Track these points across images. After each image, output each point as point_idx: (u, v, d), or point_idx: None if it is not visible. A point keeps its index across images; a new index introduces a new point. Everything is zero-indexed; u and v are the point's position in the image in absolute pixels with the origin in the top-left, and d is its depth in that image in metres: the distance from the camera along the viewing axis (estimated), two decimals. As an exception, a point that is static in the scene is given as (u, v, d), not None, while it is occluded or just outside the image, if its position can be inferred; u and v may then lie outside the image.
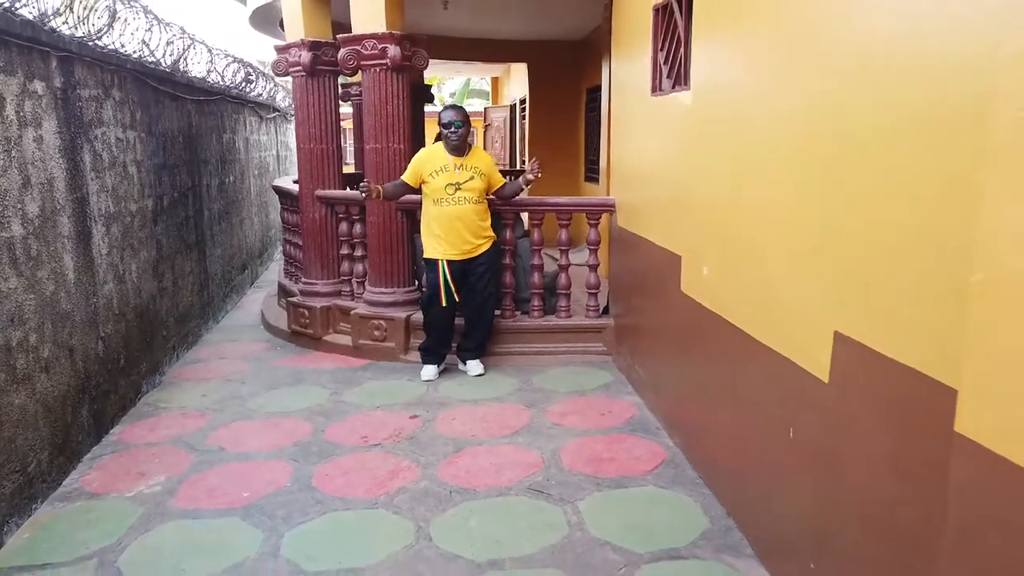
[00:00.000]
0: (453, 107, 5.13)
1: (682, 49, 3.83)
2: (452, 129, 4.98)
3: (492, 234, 5.23)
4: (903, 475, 1.91)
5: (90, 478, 3.85)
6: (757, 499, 3.00)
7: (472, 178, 5.04)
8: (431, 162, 5.06)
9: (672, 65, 4.03)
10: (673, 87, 4.00)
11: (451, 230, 5.02)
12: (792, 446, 2.61)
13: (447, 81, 29.45)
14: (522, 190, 5.39)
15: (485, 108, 16.85)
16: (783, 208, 2.69)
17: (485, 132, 16.04)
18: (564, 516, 3.32)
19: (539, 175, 5.16)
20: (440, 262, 5.06)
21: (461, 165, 5.04)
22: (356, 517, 3.38)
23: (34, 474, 3.60)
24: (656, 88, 4.28)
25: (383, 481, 3.71)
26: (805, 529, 2.54)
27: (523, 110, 12.31)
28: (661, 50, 4.18)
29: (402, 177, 5.16)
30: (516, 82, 13.06)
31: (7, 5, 3.62)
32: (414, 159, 5.15)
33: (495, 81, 16.72)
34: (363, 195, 5.08)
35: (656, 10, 4.19)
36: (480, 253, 5.12)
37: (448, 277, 5.04)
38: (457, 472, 3.79)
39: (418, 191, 5.16)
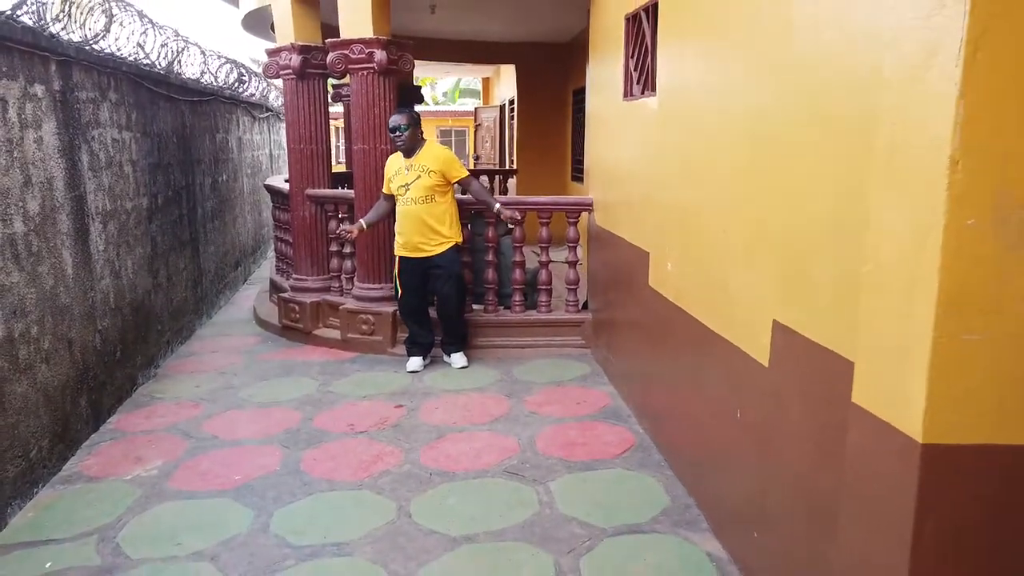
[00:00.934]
0: (398, 111, 5.36)
1: (649, 57, 4.05)
2: (397, 134, 5.20)
3: (450, 236, 5.34)
4: (819, 445, 2.14)
5: (89, 463, 4.06)
6: (712, 478, 3.23)
7: (419, 177, 5.23)
8: (391, 167, 5.36)
9: (641, 72, 4.25)
10: (642, 92, 4.23)
11: (405, 230, 5.31)
12: (739, 426, 2.83)
13: (439, 81, 29.62)
14: (492, 204, 5.52)
15: (476, 108, 17.02)
16: (729, 207, 2.93)
17: (476, 132, 16.20)
18: (536, 495, 3.54)
19: (510, 220, 5.50)
20: (397, 258, 5.38)
21: (410, 166, 5.27)
22: (341, 497, 3.59)
23: (35, 459, 3.80)
24: (628, 93, 4.50)
25: (367, 465, 3.93)
26: (750, 502, 2.77)
27: (512, 110, 12.48)
28: (632, 57, 4.40)
29: (383, 189, 5.47)
30: (506, 82, 13.24)
31: (8, 12, 3.82)
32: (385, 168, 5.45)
33: (486, 81, 16.89)
34: (349, 237, 5.51)
35: (627, 19, 4.41)
36: (436, 254, 5.31)
37: (398, 272, 5.38)
38: (438, 456, 4.01)
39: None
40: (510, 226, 5.73)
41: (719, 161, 3.03)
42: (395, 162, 5.36)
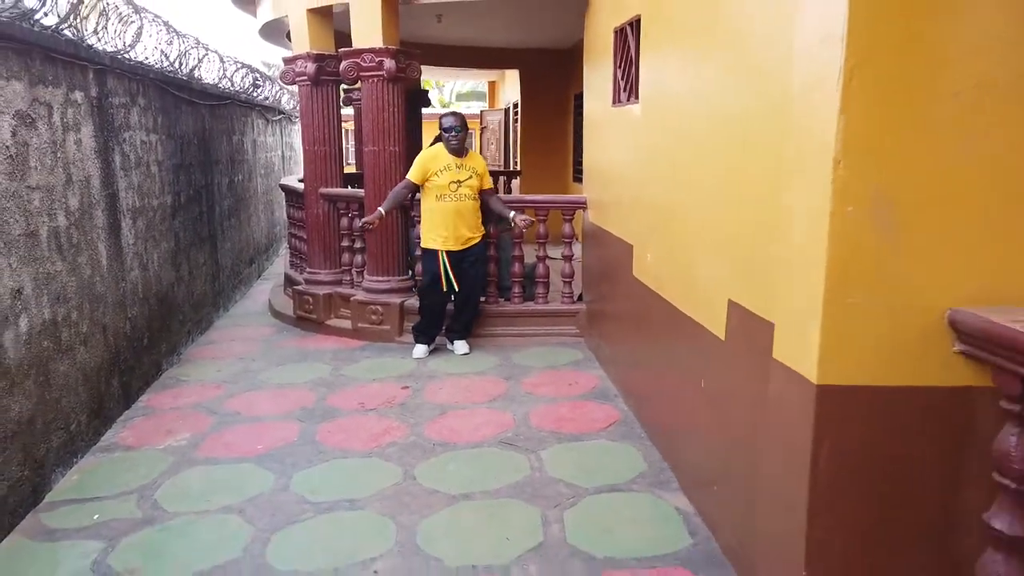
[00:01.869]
0: (453, 113, 5.78)
1: (633, 68, 4.45)
2: (453, 133, 5.63)
3: (483, 229, 5.88)
4: (758, 402, 2.53)
5: (124, 435, 4.48)
6: (682, 443, 3.63)
7: (471, 177, 5.70)
8: (435, 161, 5.71)
9: (627, 80, 4.65)
10: (628, 100, 4.63)
11: (451, 224, 5.66)
12: (702, 394, 3.23)
13: (446, 84, 30.06)
14: (508, 215, 5.86)
15: (481, 111, 17.38)
16: (696, 204, 3.33)
17: (481, 134, 16.53)
18: (528, 462, 3.94)
19: (526, 228, 5.81)
20: (440, 252, 5.69)
21: (461, 165, 5.69)
22: (353, 463, 4.00)
23: (75, 432, 4.21)
24: (616, 100, 4.90)
25: (377, 437, 4.33)
26: (710, 460, 3.16)
27: (516, 114, 12.80)
28: (619, 67, 4.80)
29: (408, 177, 5.79)
30: (511, 86, 13.56)
31: (53, 26, 4.24)
32: (419, 159, 5.78)
33: (491, 85, 17.24)
34: (368, 229, 5.84)
35: (615, 32, 4.81)
36: (473, 245, 5.76)
37: (447, 266, 5.67)
38: (441, 430, 4.42)
39: (417, 189, 5.79)
40: (512, 225, 6.11)
41: (688, 164, 3.43)
42: (441, 157, 5.71)
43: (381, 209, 5.77)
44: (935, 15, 1.82)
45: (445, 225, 5.68)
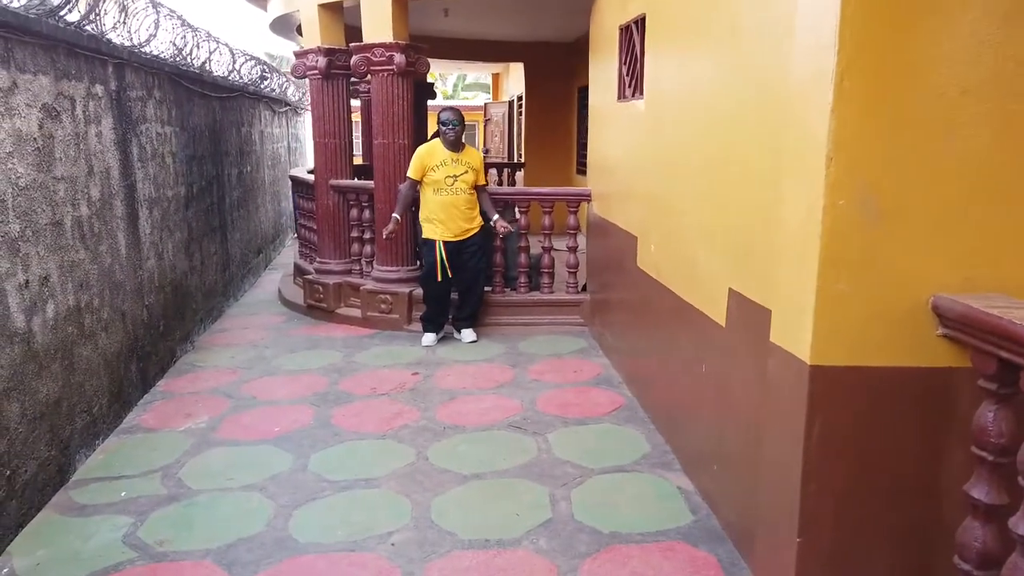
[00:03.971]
0: (451, 108, 5.93)
1: (638, 64, 4.59)
2: (450, 127, 5.78)
3: (480, 219, 6.02)
4: (756, 384, 2.69)
5: (146, 418, 4.65)
6: (684, 426, 3.79)
7: (466, 172, 5.85)
8: (432, 156, 5.86)
9: (632, 76, 4.79)
10: (632, 95, 4.77)
11: (447, 216, 5.82)
12: (703, 379, 3.40)
13: (449, 76, 30.18)
14: (492, 217, 5.99)
15: (485, 104, 17.44)
16: (699, 197, 3.48)
17: (485, 127, 16.59)
18: (535, 444, 4.11)
19: (504, 233, 5.99)
20: (437, 242, 5.84)
21: (457, 160, 5.84)
22: (368, 445, 4.18)
23: (98, 415, 4.37)
24: (621, 95, 5.05)
25: (389, 420, 4.50)
26: (710, 441, 3.33)
27: (520, 106, 12.90)
28: (625, 64, 4.95)
29: (408, 175, 5.94)
30: (515, 79, 13.66)
31: (76, 22, 4.38)
32: (416, 156, 5.93)
33: (495, 77, 17.32)
34: (391, 238, 6.00)
35: (621, 30, 4.95)
36: (471, 235, 5.92)
37: (443, 255, 5.82)
38: (450, 414, 4.58)
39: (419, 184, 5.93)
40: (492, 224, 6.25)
41: (691, 157, 3.59)
42: (437, 152, 5.86)
43: (396, 215, 5.92)
44: (921, 21, 1.97)
45: (442, 217, 5.85)
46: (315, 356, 5.83)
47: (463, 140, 5.99)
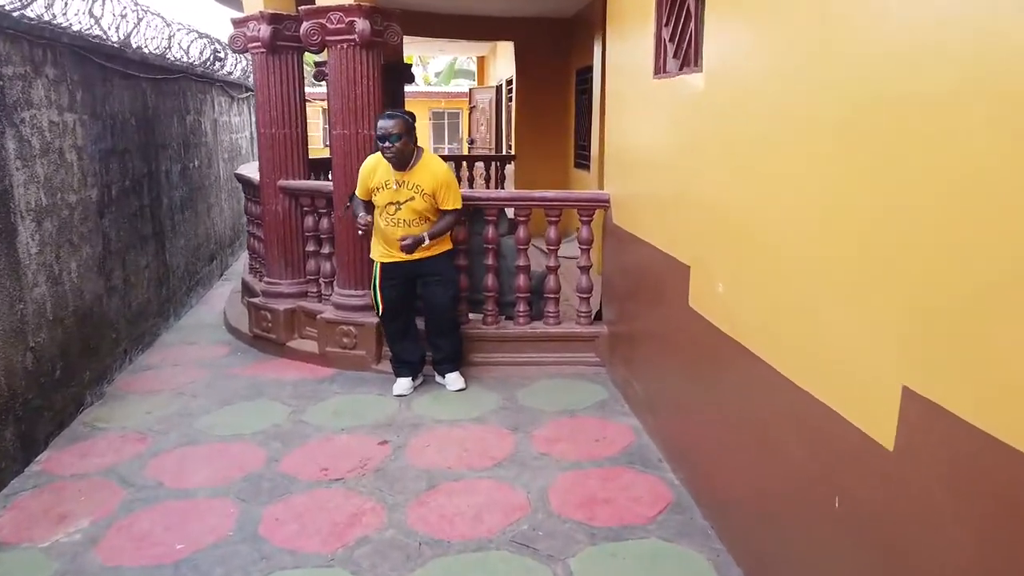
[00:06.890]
0: (389, 115, 4.39)
1: (692, 24, 3.28)
2: (385, 144, 4.30)
3: (444, 242, 4.65)
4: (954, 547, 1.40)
5: (3, 522, 3.30)
6: (786, 567, 2.48)
7: (412, 198, 4.41)
8: (373, 174, 4.49)
9: (680, 43, 3.48)
10: (680, 68, 3.46)
11: (391, 241, 4.49)
12: (837, 514, 2.09)
13: (431, 61, 28.69)
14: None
15: (471, 89, 16.35)
16: (813, 218, 2.18)
17: (470, 114, 15.53)
18: (552, 578, 2.80)
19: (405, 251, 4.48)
20: (375, 264, 4.61)
21: (402, 182, 4.41)
22: (306, 578, 2.85)
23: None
24: (660, 69, 3.73)
25: (342, 529, 3.18)
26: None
27: (510, 91, 11.86)
28: (666, 26, 3.63)
29: (356, 192, 4.64)
30: (503, 62, 12.58)
31: None
32: (360, 169, 4.59)
33: (481, 61, 16.16)
34: (369, 227, 4.58)
35: (662, -21, 3.63)
36: (426, 259, 4.55)
37: (377, 283, 4.59)
38: (429, 516, 3.27)
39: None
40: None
41: (800, 159, 2.27)
42: (379, 170, 4.46)
43: (364, 213, 4.57)
44: None
45: (384, 239, 4.55)
46: (254, 412, 4.49)
47: (417, 146, 4.51)
